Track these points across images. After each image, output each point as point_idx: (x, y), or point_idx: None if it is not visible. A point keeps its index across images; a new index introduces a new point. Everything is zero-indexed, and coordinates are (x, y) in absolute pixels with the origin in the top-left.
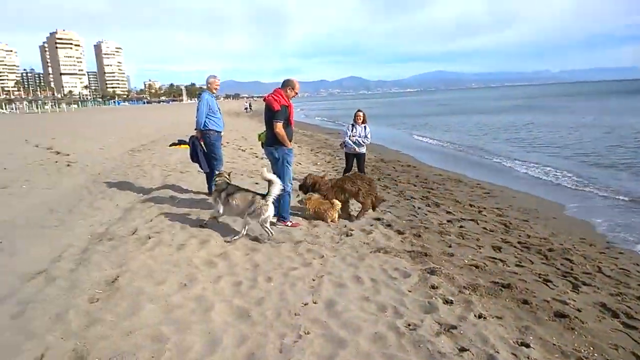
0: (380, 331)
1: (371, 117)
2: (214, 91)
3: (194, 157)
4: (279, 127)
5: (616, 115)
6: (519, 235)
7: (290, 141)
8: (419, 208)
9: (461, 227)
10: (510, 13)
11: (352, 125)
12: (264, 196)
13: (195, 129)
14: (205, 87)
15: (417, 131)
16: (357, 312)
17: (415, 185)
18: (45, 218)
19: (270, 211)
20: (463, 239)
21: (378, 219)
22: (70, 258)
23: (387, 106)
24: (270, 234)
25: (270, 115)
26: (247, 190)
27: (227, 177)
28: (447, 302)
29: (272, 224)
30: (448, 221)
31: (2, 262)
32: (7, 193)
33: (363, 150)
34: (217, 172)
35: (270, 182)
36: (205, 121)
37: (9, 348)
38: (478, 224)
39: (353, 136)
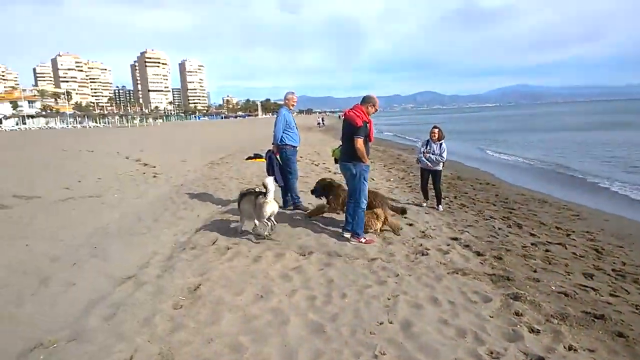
0: (460, 357)
1: (446, 132)
2: (291, 107)
3: (270, 170)
4: (360, 142)
5: None
6: (613, 262)
7: (367, 157)
8: (499, 229)
9: (547, 250)
10: (600, 23)
11: (427, 141)
12: (264, 194)
13: (273, 144)
14: (283, 102)
15: (495, 148)
16: (434, 336)
17: (494, 205)
18: (134, 226)
19: (270, 207)
20: (549, 263)
21: (455, 239)
22: (157, 265)
23: (463, 121)
24: (273, 225)
25: (352, 131)
26: (251, 192)
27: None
28: (533, 330)
29: (346, 239)
30: (532, 244)
31: (96, 266)
32: (100, 202)
33: (439, 167)
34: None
35: (265, 186)
36: (282, 136)
37: (101, 349)
38: (566, 248)
39: (427, 153)
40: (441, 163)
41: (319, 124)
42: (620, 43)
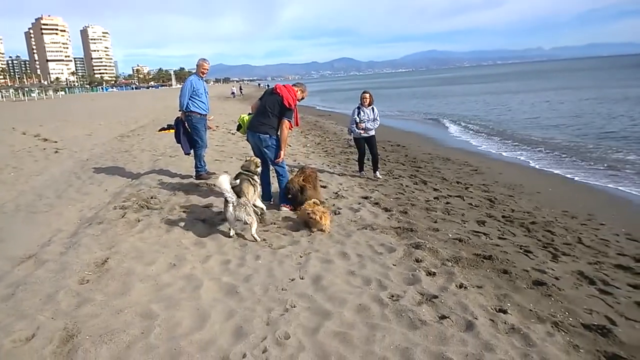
0: (364, 303)
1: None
2: (202, 74)
3: (177, 138)
4: (288, 126)
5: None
6: (503, 210)
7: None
8: (406, 186)
9: (447, 203)
10: None
11: (359, 108)
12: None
13: (179, 110)
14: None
15: (408, 110)
16: (342, 286)
17: (404, 165)
18: (34, 204)
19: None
20: (448, 214)
21: (366, 198)
22: (60, 242)
23: (379, 87)
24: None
25: (282, 112)
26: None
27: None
28: (430, 274)
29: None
30: (435, 198)
31: None
32: None
33: (373, 132)
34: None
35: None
36: (188, 103)
37: (0, 329)
38: (464, 200)
39: (362, 121)
40: (374, 129)
41: (233, 93)
42: (519, 10)
